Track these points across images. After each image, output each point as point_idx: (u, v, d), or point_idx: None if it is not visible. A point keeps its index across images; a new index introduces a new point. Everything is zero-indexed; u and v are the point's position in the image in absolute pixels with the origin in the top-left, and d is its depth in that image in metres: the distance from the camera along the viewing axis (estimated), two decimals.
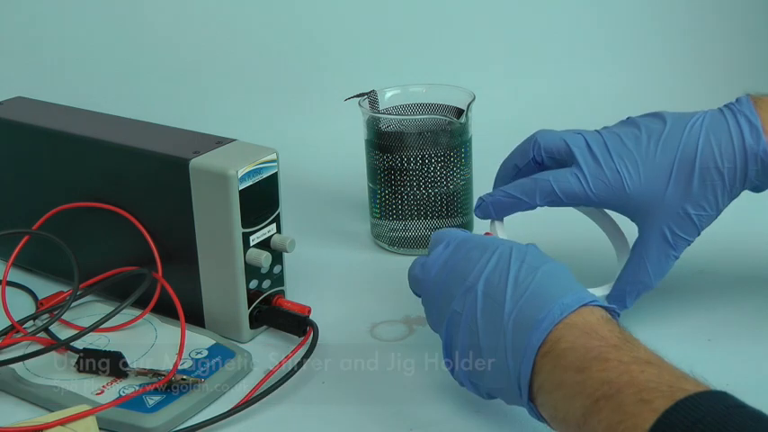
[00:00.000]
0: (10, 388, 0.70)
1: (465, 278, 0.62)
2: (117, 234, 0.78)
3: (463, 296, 0.62)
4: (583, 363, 0.54)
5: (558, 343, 0.56)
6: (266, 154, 0.74)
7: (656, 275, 0.73)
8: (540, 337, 0.57)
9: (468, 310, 0.61)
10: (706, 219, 0.71)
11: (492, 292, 0.60)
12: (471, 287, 0.61)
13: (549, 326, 0.57)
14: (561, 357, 0.56)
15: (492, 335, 0.59)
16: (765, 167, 0.69)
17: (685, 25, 1.35)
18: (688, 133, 0.70)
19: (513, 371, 0.58)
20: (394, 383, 0.70)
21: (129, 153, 0.76)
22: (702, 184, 0.70)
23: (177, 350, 0.70)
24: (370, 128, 0.89)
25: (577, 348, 0.55)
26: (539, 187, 0.72)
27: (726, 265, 0.87)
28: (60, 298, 0.80)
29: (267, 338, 0.77)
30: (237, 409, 0.66)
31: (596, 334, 0.56)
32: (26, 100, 0.89)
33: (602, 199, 0.71)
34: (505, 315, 0.59)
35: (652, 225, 0.71)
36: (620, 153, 0.71)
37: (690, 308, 0.80)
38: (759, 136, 0.69)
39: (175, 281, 0.74)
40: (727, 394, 0.49)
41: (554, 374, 0.56)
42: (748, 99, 0.71)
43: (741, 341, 0.75)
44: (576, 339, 0.56)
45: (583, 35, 1.31)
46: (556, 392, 0.55)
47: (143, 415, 0.65)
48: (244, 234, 0.73)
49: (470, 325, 0.61)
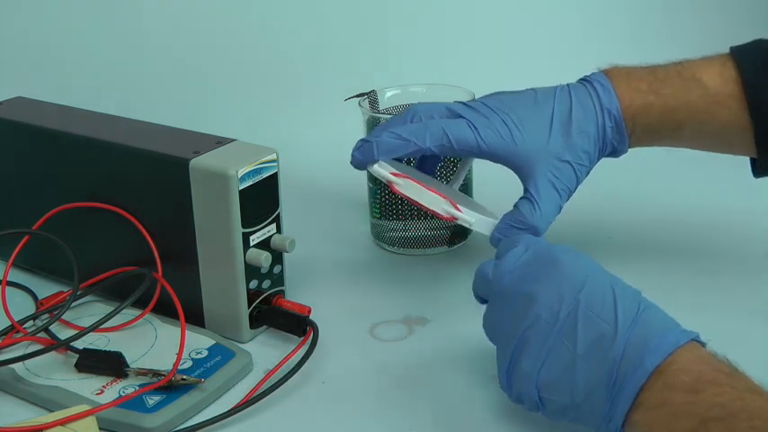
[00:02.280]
0: (10, 388, 0.70)
1: (557, 292, 0.59)
2: (117, 234, 0.78)
3: (553, 311, 0.59)
4: (696, 385, 0.54)
5: (672, 365, 0.56)
6: (266, 154, 0.74)
7: (545, 224, 0.75)
8: (657, 359, 0.56)
9: (566, 326, 0.58)
10: (583, 169, 0.76)
11: (596, 312, 0.58)
12: (571, 304, 0.59)
13: (668, 349, 0.56)
14: (674, 378, 0.55)
15: (595, 354, 0.57)
16: (618, 125, 0.77)
17: (687, 25, 1.35)
18: (558, 96, 0.77)
19: (616, 385, 0.56)
20: (394, 384, 0.70)
21: (128, 153, 0.76)
22: (579, 135, 0.76)
23: (177, 350, 0.70)
24: (370, 128, 0.89)
25: (691, 372, 0.55)
26: (429, 131, 0.74)
27: (726, 265, 0.87)
28: (60, 298, 0.80)
29: (267, 338, 0.77)
30: (237, 409, 0.66)
31: (709, 361, 0.56)
32: (26, 100, 0.89)
33: (493, 149, 0.75)
34: (618, 337, 0.57)
35: (539, 172, 0.75)
36: (503, 109, 0.76)
37: (690, 308, 0.80)
38: (611, 95, 0.77)
39: (175, 281, 0.74)
40: None
41: (662, 393, 0.55)
42: (599, 71, 0.79)
43: (741, 341, 0.75)
44: (689, 364, 0.55)
45: (583, 34, 1.31)
46: (658, 410, 0.54)
47: (143, 415, 0.65)
48: (244, 234, 0.73)
49: (565, 340, 0.58)
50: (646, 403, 0.55)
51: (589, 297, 0.59)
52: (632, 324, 0.57)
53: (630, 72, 0.79)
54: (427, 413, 0.67)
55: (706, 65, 0.78)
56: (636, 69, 0.79)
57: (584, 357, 0.57)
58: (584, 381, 0.57)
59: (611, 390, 0.56)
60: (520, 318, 0.60)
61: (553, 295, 0.59)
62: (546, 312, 0.59)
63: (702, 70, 0.78)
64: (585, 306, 0.58)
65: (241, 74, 1.25)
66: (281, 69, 1.26)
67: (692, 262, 0.88)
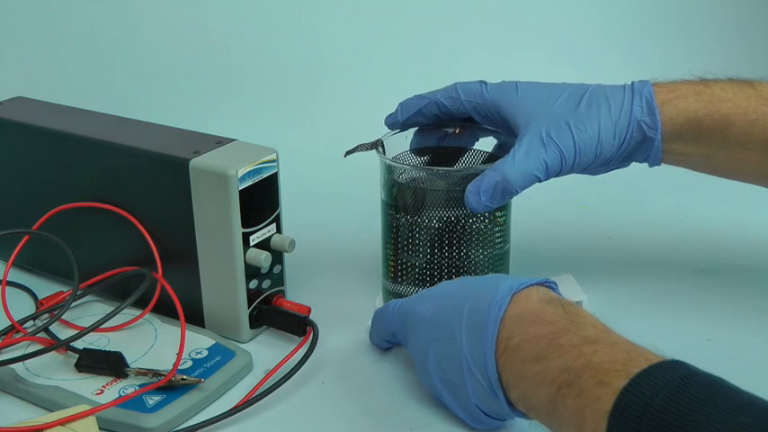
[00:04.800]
0: (10, 388, 0.70)
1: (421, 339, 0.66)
2: (117, 234, 0.78)
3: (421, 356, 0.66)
4: (538, 352, 0.56)
5: (511, 339, 0.58)
6: (266, 154, 0.74)
7: (518, 173, 0.71)
8: (491, 342, 0.59)
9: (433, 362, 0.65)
10: (584, 139, 0.72)
11: (440, 334, 0.64)
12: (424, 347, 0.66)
13: (493, 330, 0.59)
14: (517, 351, 0.58)
15: (456, 365, 0.62)
16: (650, 105, 0.73)
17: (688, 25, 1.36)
18: (582, 85, 0.75)
19: (484, 383, 0.60)
20: (394, 383, 0.70)
21: (129, 153, 0.76)
22: (588, 107, 0.73)
23: (177, 350, 0.70)
24: (389, 174, 0.76)
25: (530, 339, 0.57)
26: (444, 88, 0.78)
27: (726, 265, 0.87)
28: (60, 298, 0.80)
29: (267, 338, 0.77)
30: (237, 409, 0.66)
31: (543, 320, 0.58)
32: (26, 100, 0.89)
33: (495, 99, 0.75)
34: (458, 344, 0.62)
35: (533, 126, 0.72)
36: (524, 83, 0.76)
37: (690, 308, 0.80)
38: (646, 84, 0.74)
39: (175, 281, 0.74)
40: (680, 362, 0.51)
41: (515, 369, 0.58)
42: (649, 82, 0.75)
43: (741, 341, 0.75)
44: (525, 331, 0.58)
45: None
46: (522, 385, 0.57)
47: (143, 415, 0.65)
48: (244, 234, 0.73)
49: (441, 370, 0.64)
50: (511, 382, 0.58)
51: (432, 328, 0.65)
52: (462, 325, 0.61)
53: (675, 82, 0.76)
54: (427, 413, 0.67)
55: (759, 82, 0.75)
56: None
57: (456, 379, 0.63)
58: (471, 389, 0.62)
59: (488, 387, 0.60)
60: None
61: (418, 342, 0.67)
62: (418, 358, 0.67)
63: (755, 82, 0.75)
64: (430, 338, 0.65)
65: (241, 74, 1.25)
66: (281, 70, 1.26)
67: (692, 262, 0.88)
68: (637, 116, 0.73)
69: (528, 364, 0.57)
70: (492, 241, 0.76)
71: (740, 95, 0.74)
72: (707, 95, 0.73)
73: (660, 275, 0.85)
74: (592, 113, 0.72)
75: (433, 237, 0.74)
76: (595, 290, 0.81)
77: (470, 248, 0.75)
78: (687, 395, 0.47)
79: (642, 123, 0.73)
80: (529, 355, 0.57)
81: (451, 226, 0.74)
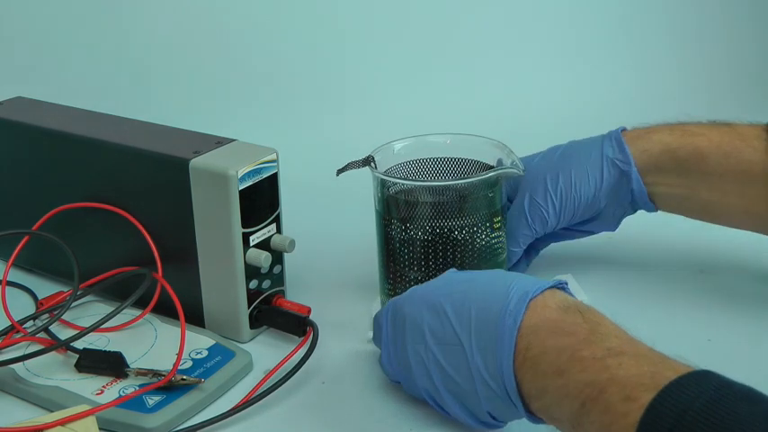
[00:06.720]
0: (10, 388, 0.70)
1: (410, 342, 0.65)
2: (117, 234, 0.78)
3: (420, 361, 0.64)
4: (560, 366, 0.54)
5: (529, 350, 0.57)
6: (266, 154, 0.74)
7: (512, 239, 0.80)
8: (509, 354, 0.57)
9: (433, 365, 0.63)
10: (560, 193, 0.79)
11: (442, 339, 0.62)
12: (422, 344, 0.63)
13: (509, 341, 0.57)
14: (537, 364, 0.56)
15: (464, 373, 0.60)
16: (619, 143, 0.78)
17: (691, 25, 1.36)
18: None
19: (500, 392, 0.58)
20: (394, 384, 0.70)
21: (128, 153, 0.76)
22: (562, 157, 0.80)
23: (177, 350, 0.70)
24: (382, 187, 0.76)
25: (549, 351, 0.55)
26: None
27: (726, 265, 0.87)
28: (60, 298, 0.80)
29: (267, 338, 0.77)
30: (237, 409, 0.66)
31: (563, 331, 0.56)
32: (26, 100, 0.89)
33: None
34: (467, 352, 0.60)
35: (521, 191, 0.81)
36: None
37: (690, 308, 0.80)
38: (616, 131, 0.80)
39: (175, 281, 0.74)
40: (711, 373, 0.49)
41: (536, 382, 0.56)
42: (621, 127, 0.81)
43: (741, 341, 0.75)
44: (544, 342, 0.56)
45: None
46: (544, 398, 0.56)
47: (143, 415, 0.65)
48: (244, 234, 0.73)
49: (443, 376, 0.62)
50: (533, 393, 0.57)
51: (432, 332, 0.62)
52: (470, 333, 0.60)
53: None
54: (427, 413, 0.67)
55: (738, 123, 0.78)
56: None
57: (466, 381, 0.60)
58: (484, 398, 0.60)
59: (503, 397, 0.58)
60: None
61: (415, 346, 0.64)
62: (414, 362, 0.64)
63: (733, 123, 0.78)
64: (433, 342, 0.62)
65: (241, 74, 1.25)
66: (281, 70, 1.26)
67: (692, 262, 0.88)
68: (608, 155, 0.78)
69: (549, 377, 0.55)
70: (490, 249, 0.76)
71: (713, 131, 0.77)
72: (679, 130, 0.78)
73: (660, 275, 0.85)
74: (565, 163, 0.79)
75: (427, 248, 0.74)
76: (595, 290, 0.80)
77: (465, 258, 0.75)
78: (723, 408, 0.46)
79: (615, 160, 0.78)
80: (550, 368, 0.55)
81: (444, 237, 0.74)
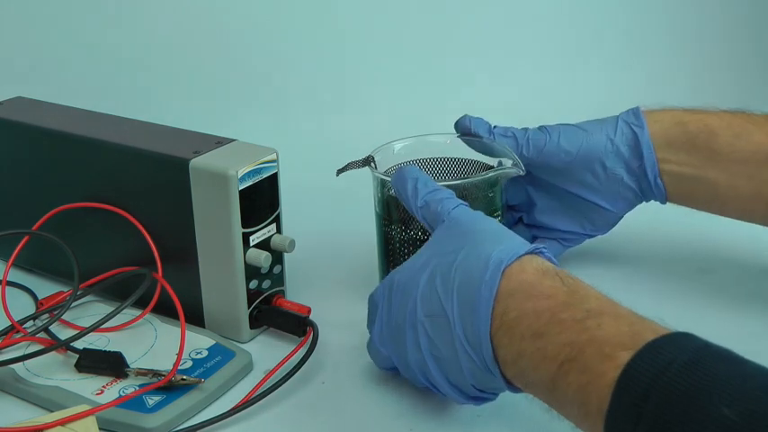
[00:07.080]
0: (10, 388, 0.70)
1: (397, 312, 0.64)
2: (117, 234, 0.78)
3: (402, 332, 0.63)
4: (538, 328, 0.54)
5: (506, 314, 0.56)
6: (266, 154, 0.74)
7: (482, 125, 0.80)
8: (485, 320, 0.57)
9: (424, 337, 0.62)
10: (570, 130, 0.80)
11: (430, 310, 0.61)
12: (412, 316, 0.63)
13: (486, 309, 0.57)
14: (514, 327, 0.56)
15: (448, 344, 0.60)
16: (635, 113, 0.79)
17: (691, 25, 1.36)
18: None
19: (478, 361, 0.58)
20: (394, 383, 0.70)
21: (128, 153, 0.76)
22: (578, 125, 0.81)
23: (177, 350, 0.70)
24: (381, 188, 0.76)
25: (528, 314, 0.55)
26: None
27: (726, 265, 0.87)
28: (60, 298, 0.80)
29: (267, 338, 0.77)
30: (237, 409, 0.66)
31: (541, 294, 0.56)
32: (26, 100, 0.89)
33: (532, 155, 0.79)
34: (450, 322, 0.59)
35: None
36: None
37: (690, 308, 0.80)
38: (638, 114, 0.79)
39: (175, 281, 0.74)
40: (691, 335, 0.49)
41: (512, 346, 0.56)
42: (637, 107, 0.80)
43: (741, 341, 0.75)
44: (522, 305, 0.56)
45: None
46: (520, 362, 0.55)
47: (143, 415, 0.65)
48: (244, 234, 0.73)
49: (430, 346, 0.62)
50: (508, 359, 0.56)
51: (422, 301, 0.62)
52: (453, 303, 0.59)
53: None
54: (427, 413, 0.67)
55: (752, 112, 0.79)
56: None
57: (448, 353, 0.60)
58: (467, 370, 0.59)
59: (481, 365, 0.58)
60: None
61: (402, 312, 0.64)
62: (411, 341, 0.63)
63: (747, 111, 0.78)
64: (422, 312, 0.62)
65: (241, 74, 1.25)
66: (281, 70, 1.26)
67: (692, 262, 0.88)
68: (623, 117, 0.79)
69: (527, 340, 0.54)
70: None
71: (726, 113, 0.77)
72: (692, 110, 0.78)
73: (660, 275, 0.85)
74: (579, 125, 0.80)
75: None
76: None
77: None
78: (702, 368, 0.45)
79: (628, 122, 0.79)
80: (528, 331, 0.54)
81: None
